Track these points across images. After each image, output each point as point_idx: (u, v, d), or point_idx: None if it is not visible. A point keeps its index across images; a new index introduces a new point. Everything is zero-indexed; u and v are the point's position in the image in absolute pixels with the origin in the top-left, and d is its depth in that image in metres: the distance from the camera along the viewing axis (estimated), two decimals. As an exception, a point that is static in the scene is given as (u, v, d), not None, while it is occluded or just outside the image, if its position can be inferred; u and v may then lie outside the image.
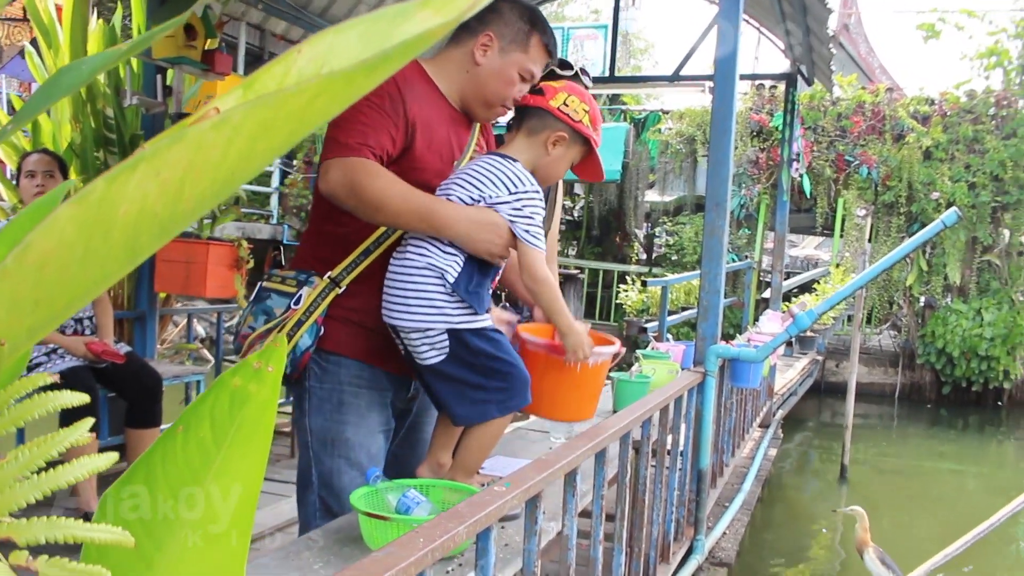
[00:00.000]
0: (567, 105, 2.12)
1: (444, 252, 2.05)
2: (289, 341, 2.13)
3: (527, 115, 2.17)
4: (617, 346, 2.33)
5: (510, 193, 2.05)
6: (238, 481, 0.67)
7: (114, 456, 0.57)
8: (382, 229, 2.17)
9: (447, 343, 2.05)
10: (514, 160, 2.10)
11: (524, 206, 2.05)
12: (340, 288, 2.17)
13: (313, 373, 2.21)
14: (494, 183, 2.05)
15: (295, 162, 9.89)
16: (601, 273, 13.79)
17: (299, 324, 2.14)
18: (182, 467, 0.67)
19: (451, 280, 2.04)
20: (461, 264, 2.05)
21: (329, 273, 2.17)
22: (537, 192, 2.09)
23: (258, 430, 0.68)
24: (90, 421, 0.59)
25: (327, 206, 2.15)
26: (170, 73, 5.12)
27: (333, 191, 2.01)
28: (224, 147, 0.47)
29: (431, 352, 2.07)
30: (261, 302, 2.23)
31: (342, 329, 2.19)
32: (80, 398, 0.58)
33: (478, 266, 2.08)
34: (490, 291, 2.18)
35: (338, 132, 2.03)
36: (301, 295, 2.16)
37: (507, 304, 2.96)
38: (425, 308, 2.04)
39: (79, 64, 0.77)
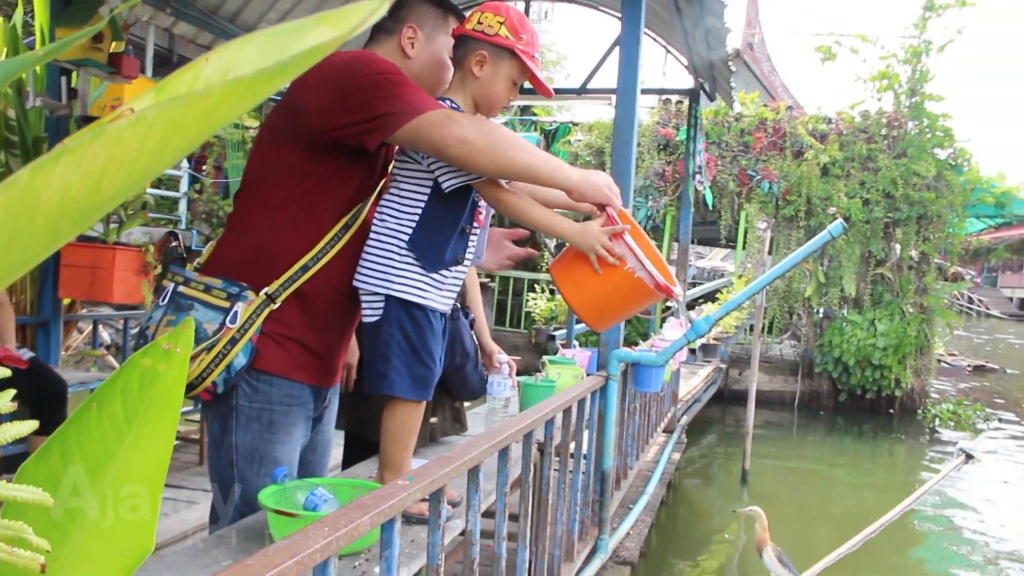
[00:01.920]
0: (481, 23, 2.14)
1: (402, 213, 2.12)
2: (222, 360, 2.04)
3: (455, 50, 2.21)
4: (673, 288, 2.17)
5: None
6: (148, 455, 0.73)
7: (35, 423, 0.62)
8: (321, 243, 2.14)
9: (382, 307, 2.13)
10: (444, 99, 2.14)
11: None
12: (275, 304, 2.10)
13: (242, 392, 2.12)
14: None
15: (205, 168, 9.74)
16: (512, 281, 13.90)
17: (233, 342, 2.05)
18: (96, 442, 0.72)
19: (405, 239, 2.11)
20: (417, 219, 2.12)
21: (265, 289, 2.09)
22: None
23: (167, 408, 0.73)
24: (11, 392, 0.64)
25: (292, 206, 2.13)
26: (75, 75, 5.03)
27: (466, 135, 1.95)
28: (140, 143, 0.53)
29: (368, 310, 2.16)
30: (182, 311, 2.10)
31: (274, 347, 2.12)
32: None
33: (440, 220, 2.13)
34: (456, 261, 2.19)
35: (418, 99, 1.99)
36: (237, 312, 2.06)
37: (459, 306, 3.01)
38: (372, 271, 2.13)
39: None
